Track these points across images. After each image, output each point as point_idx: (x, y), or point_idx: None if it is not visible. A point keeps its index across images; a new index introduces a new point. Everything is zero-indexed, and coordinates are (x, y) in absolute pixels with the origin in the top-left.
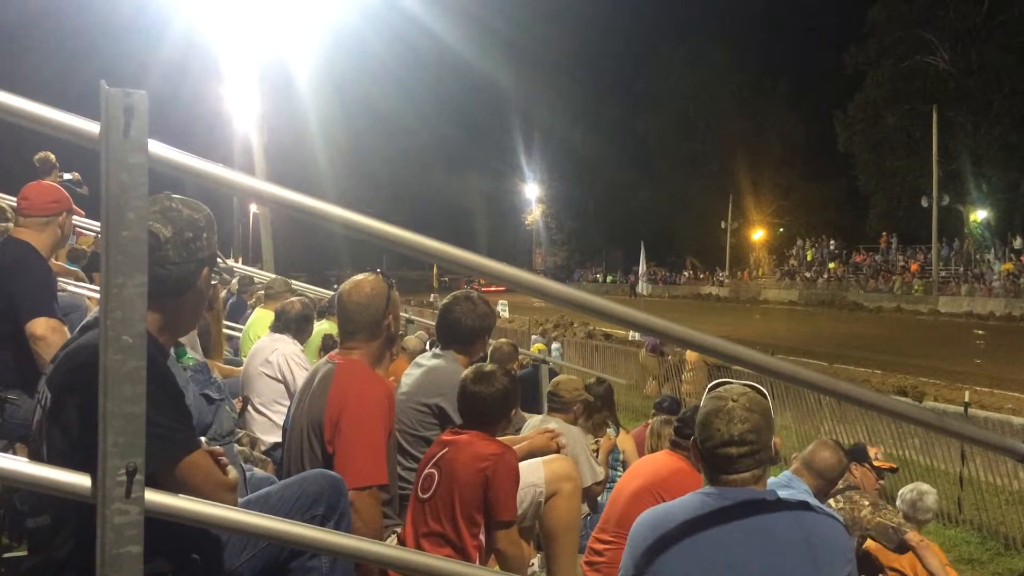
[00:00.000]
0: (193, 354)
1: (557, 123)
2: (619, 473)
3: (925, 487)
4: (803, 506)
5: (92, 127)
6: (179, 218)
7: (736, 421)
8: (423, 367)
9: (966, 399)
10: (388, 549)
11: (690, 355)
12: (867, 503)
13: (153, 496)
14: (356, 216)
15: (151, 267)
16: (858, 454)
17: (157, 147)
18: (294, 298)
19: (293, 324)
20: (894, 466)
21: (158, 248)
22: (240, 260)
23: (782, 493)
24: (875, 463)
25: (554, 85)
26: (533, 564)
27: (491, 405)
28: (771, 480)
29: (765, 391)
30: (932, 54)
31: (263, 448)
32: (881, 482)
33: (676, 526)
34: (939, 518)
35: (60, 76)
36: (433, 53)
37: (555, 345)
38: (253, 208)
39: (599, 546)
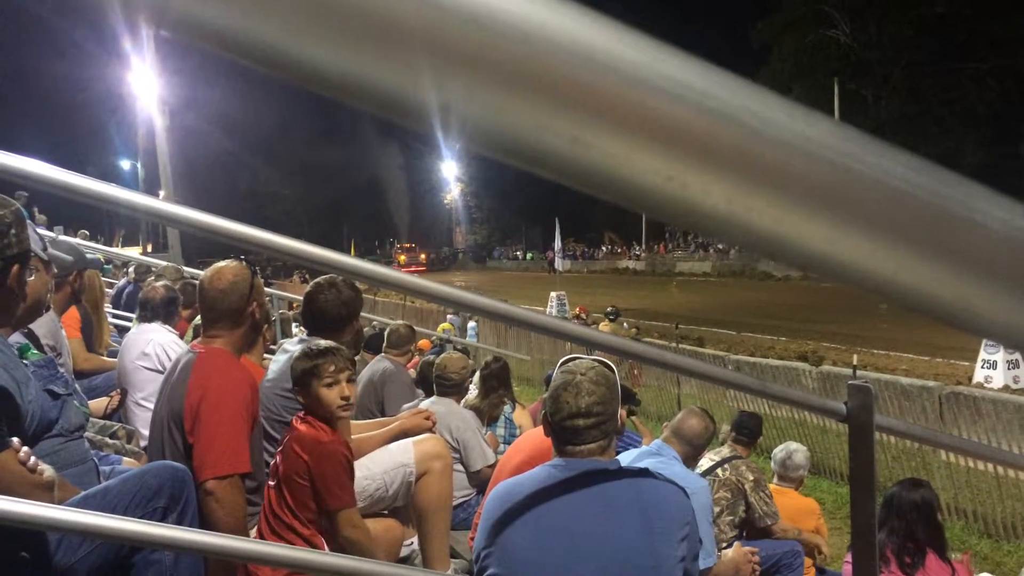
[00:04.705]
0: (46, 349)
1: None
2: None
3: (794, 445)
4: (643, 473)
5: None
6: None
7: (583, 394)
8: (289, 353)
9: (854, 362)
10: (215, 539)
11: (603, 327)
12: (751, 478)
13: None
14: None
15: None
16: (754, 430)
17: None
18: (156, 283)
19: (161, 310)
20: None
21: None
22: (150, 247)
23: (650, 460)
24: None
25: None
26: (412, 543)
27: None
28: (644, 448)
29: (613, 365)
30: (834, 27)
31: (142, 443)
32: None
33: (523, 498)
34: (832, 476)
35: None
36: None
37: (471, 324)
38: (161, 193)
39: None
